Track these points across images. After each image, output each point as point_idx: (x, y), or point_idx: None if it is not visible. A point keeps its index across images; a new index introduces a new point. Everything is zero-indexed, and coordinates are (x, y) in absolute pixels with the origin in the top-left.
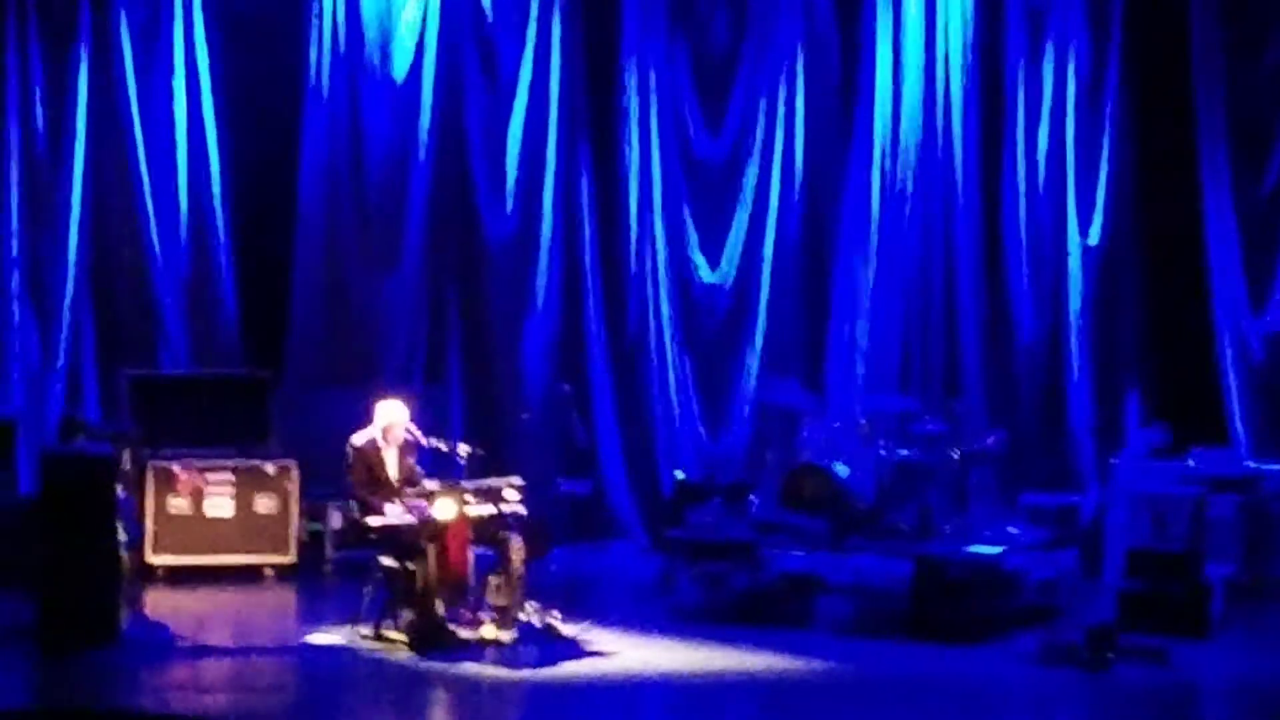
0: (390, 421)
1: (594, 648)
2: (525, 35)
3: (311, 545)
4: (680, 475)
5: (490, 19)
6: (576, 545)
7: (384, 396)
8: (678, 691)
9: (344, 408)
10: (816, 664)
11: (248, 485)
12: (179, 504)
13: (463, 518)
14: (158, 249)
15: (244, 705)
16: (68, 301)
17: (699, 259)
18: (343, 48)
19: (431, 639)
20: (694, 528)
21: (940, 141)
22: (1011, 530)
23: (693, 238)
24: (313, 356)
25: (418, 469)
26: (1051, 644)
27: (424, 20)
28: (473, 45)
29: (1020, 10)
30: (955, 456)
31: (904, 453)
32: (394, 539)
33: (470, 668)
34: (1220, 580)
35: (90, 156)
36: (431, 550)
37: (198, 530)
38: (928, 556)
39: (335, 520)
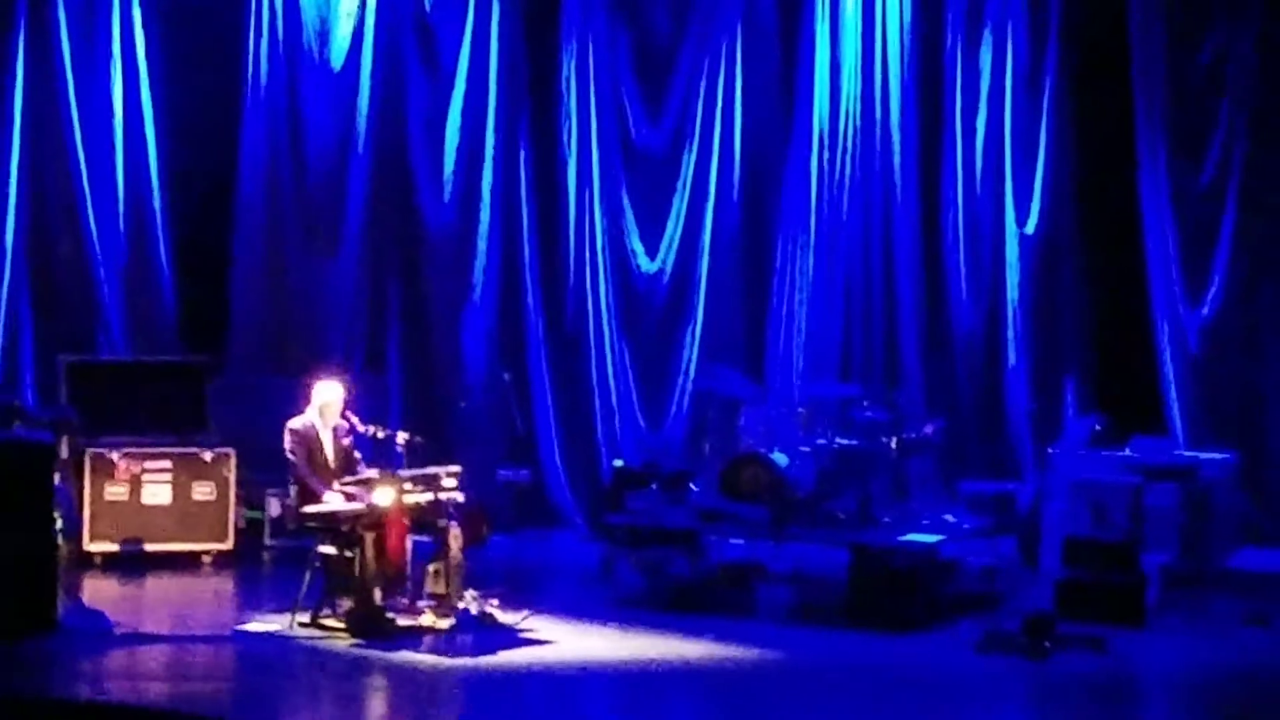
0: (326, 401)
1: (533, 635)
2: (464, 23)
3: (249, 533)
4: (619, 463)
5: (429, 7)
6: (516, 533)
7: (321, 379)
8: (617, 679)
9: (282, 395)
10: (756, 652)
11: (185, 472)
12: (116, 491)
13: (401, 505)
14: (96, 236)
15: (181, 693)
16: (5, 288)
17: (638, 247)
18: (281, 35)
19: (370, 627)
20: (633, 515)
21: (879, 130)
22: (950, 518)
23: (632, 226)
24: (251, 344)
25: (356, 453)
26: (990, 632)
27: (363, 8)
28: (412, 33)
29: None
30: (894, 444)
31: (843, 441)
32: (332, 527)
33: (409, 656)
34: (1157, 569)
35: (28, 143)
36: (370, 538)
37: (135, 517)
38: (866, 544)
39: (273, 508)
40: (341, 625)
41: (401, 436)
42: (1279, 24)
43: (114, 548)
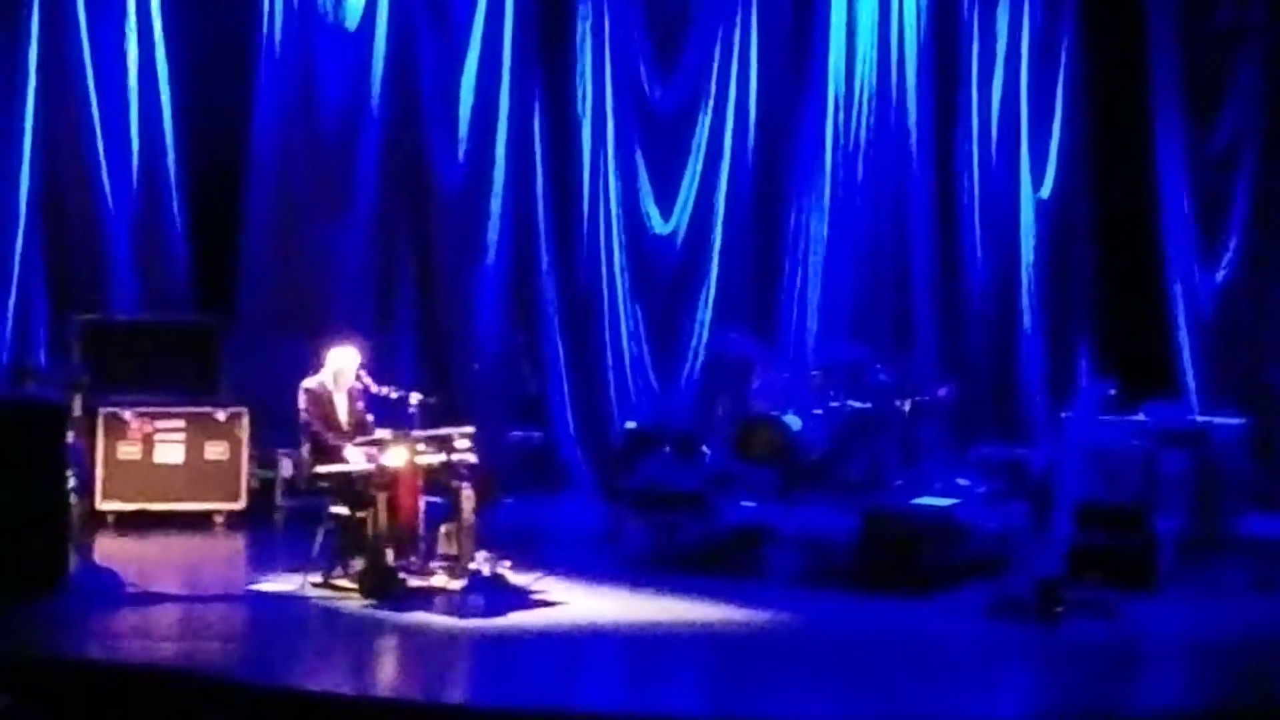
0: (340, 367)
1: (544, 597)
2: None
3: (262, 493)
4: (631, 425)
5: None
6: (527, 495)
7: (335, 343)
8: (627, 641)
9: (294, 355)
10: (765, 614)
11: (198, 432)
12: (129, 450)
13: (414, 466)
14: (109, 195)
15: (193, 652)
16: (18, 247)
17: (652, 209)
18: None
19: (381, 587)
20: (644, 478)
21: (894, 93)
22: (961, 482)
23: (645, 188)
24: (263, 304)
25: (369, 416)
26: (1000, 596)
27: None
28: None
29: None
30: (906, 408)
31: (855, 404)
32: (345, 487)
33: (420, 616)
34: (1169, 534)
35: (42, 102)
36: (382, 499)
37: (148, 477)
38: (877, 508)
39: (286, 468)
40: (353, 585)
41: (414, 397)
42: None
43: (126, 507)
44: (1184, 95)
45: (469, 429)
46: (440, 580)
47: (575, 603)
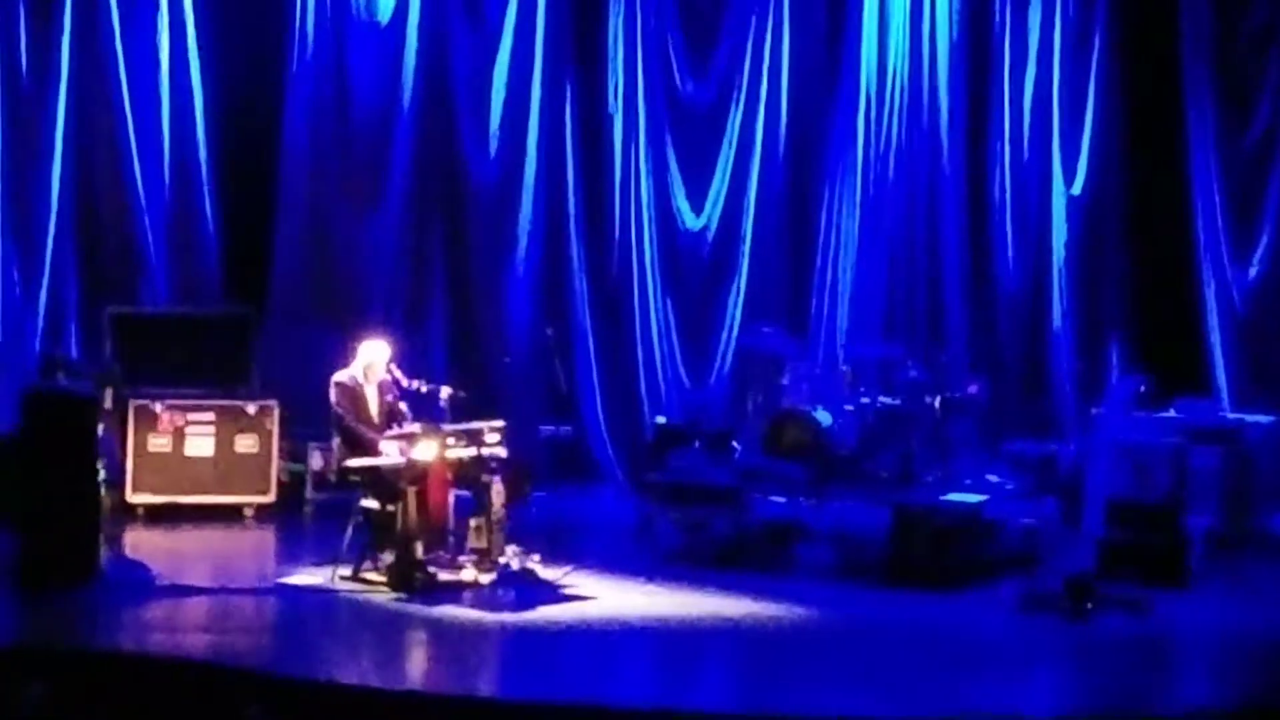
0: (371, 360)
1: (573, 591)
2: None
3: (291, 486)
4: (662, 420)
5: None
6: (557, 489)
7: (366, 337)
8: (657, 636)
9: (325, 349)
10: (796, 610)
11: (228, 425)
12: (159, 443)
13: (444, 460)
14: (141, 187)
15: (222, 645)
16: (50, 239)
17: (683, 204)
18: None
19: (411, 581)
20: (675, 472)
21: (926, 89)
22: (992, 478)
23: (677, 183)
24: (295, 297)
25: (401, 407)
26: (1030, 593)
27: None
28: None
29: None
30: (937, 404)
31: (886, 400)
32: (375, 480)
33: (449, 610)
34: (1200, 531)
35: (74, 94)
36: (412, 492)
37: (178, 469)
38: (908, 504)
39: (316, 461)
40: (383, 579)
41: (445, 391)
42: None
43: (156, 499)
44: (1217, 91)
45: (499, 423)
46: (469, 574)
47: (605, 597)
